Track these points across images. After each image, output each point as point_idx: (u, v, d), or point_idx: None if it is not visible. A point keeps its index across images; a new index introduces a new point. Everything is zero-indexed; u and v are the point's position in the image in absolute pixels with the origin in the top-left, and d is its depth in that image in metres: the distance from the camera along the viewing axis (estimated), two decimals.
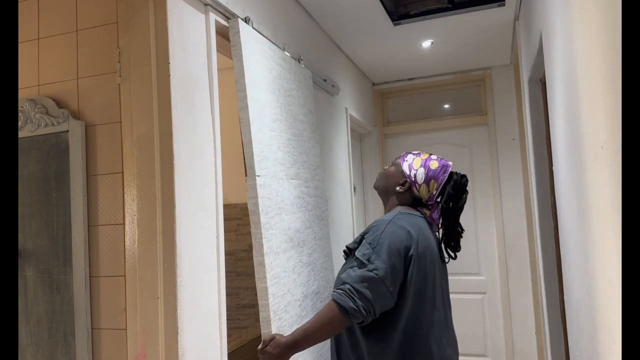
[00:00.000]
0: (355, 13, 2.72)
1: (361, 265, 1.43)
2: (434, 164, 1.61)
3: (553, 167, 1.85)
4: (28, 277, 1.50)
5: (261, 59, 1.85)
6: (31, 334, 1.49)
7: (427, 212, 1.62)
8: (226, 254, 1.75)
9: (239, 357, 2.65)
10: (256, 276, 1.60)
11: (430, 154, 1.66)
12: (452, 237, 1.63)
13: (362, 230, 4.05)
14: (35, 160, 1.52)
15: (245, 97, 1.67)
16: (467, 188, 1.62)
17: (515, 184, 3.76)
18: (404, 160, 1.67)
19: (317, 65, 2.72)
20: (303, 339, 1.43)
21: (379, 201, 4.07)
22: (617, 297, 0.89)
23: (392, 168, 1.70)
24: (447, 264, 1.68)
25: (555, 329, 2.36)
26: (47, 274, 1.49)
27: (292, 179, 1.95)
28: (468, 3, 2.72)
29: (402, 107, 4.26)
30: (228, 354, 1.60)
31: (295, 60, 2.28)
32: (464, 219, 4.02)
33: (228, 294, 1.67)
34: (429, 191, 1.59)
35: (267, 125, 1.80)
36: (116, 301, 1.44)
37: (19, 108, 1.54)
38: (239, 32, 1.70)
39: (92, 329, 1.45)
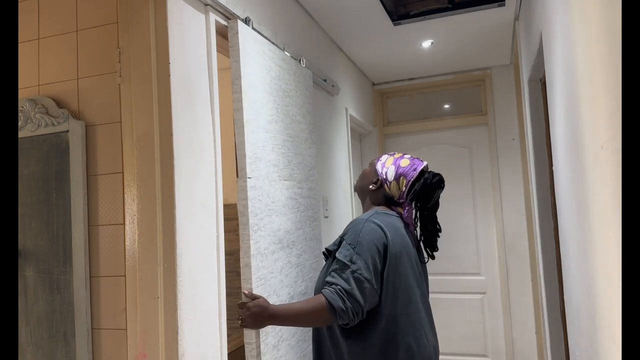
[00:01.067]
0: (355, 13, 2.72)
1: (344, 267, 1.44)
2: (404, 162, 1.63)
3: (553, 167, 1.85)
4: (28, 277, 1.50)
5: (260, 60, 1.85)
6: (31, 334, 1.49)
7: (401, 211, 1.63)
8: (226, 254, 1.74)
9: (239, 357, 2.64)
10: (242, 277, 1.60)
11: (404, 154, 1.68)
12: (429, 237, 1.65)
13: None
14: (35, 160, 1.52)
15: (241, 99, 1.67)
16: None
17: (515, 184, 3.76)
18: (378, 160, 1.70)
19: (317, 65, 2.72)
20: (283, 317, 1.47)
21: None
22: (617, 297, 0.89)
23: (368, 168, 1.73)
24: (427, 264, 1.69)
25: (555, 329, 2.36)
26: (47, 274, 1.49)
27: (285, 180, 1.96)
28: (468, 3, 2.72)
29: (402, 107, 4.26)
30: (228, 354, 1.60)
31: (296, 60, 2.27)
32: (465, 219, 4.04)
33: (228, 294, 1.67)
34: (399, 188, 1.61)
35: (262, 126, 1.81)
36: (116, 301, 1.44)
37: (19, 108, 1.54)
38: (237, 33, 1.70)
39: (92, 329, 1.45)
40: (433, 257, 1.67)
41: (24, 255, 1.51)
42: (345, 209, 3.10)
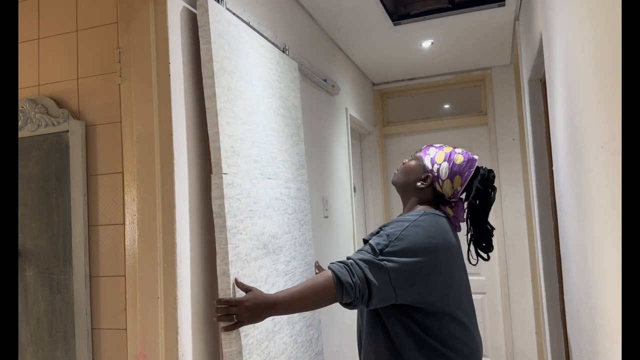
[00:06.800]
0: (355, 13, 2.72)
1: (370, 250, 1.33)
2: (459, 158, 1.48)
3: (553, 167, 1.85)
4: (28, 277, 1.50)
5: (235, 44, 1.64)
6: (31, 334, 1.49)
7: (450, 212, 1.50)
8: None
9: None
10: (219, 287, 1.39)
11: (454, 147, 1.53)
12: (483, 237, 1.52)
13: (364, 230, 4.03)
14: (35, 160, 1.52)
15: (213, 85, 1.47)
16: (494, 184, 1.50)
17: (515, 184, 3.76)
18: (425, 154, 1.54)
19: (317, 65, 2.72)
20: (285, 302, 1.28)
21: (379, 201, 4.07)
22: (617, 297, 0.89)
23: (413, 162, 1.56)
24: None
25: (555, 329, 2.36)
26: (47, 274, 1.49)
27: (269, 178, 1.75)
28: (468, 3, 2.72)
29: (402, 107, 4.26)
30: None
31: (279, 49, 2.09)
32: None
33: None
34: (453, 187, 1.48)
35: (240, 117, 1.60)
36: (116, 301, 1.44)
37: (19, 108, 1.54)
38: (207, 11, 1.49)
39: (92, 329, 1.45)
40: (488, 258, 1.54)
41: (24, 255, 1.51)
42: (345, 209, 3.10)
